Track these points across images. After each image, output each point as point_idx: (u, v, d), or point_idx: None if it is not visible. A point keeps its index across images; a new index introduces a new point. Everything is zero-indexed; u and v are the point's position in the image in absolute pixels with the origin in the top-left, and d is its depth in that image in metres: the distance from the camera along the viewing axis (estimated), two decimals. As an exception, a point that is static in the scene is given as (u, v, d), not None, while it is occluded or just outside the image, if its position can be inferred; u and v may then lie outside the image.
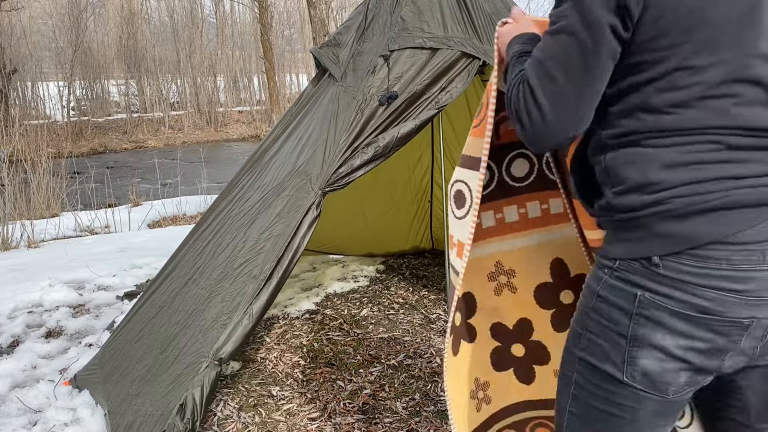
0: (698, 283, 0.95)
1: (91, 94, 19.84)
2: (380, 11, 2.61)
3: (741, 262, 0.94)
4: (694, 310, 0.96)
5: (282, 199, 2.37)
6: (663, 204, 0.97)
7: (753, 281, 0.94)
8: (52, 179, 7.37)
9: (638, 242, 1.01)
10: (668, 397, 1.03)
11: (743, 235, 0.94)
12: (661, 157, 0.98)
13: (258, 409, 2.45)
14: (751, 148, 0.95)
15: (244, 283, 2.24)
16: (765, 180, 0.95)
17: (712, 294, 0.95)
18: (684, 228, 0.96)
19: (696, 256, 0.95)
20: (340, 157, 2.33)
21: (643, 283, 1.00)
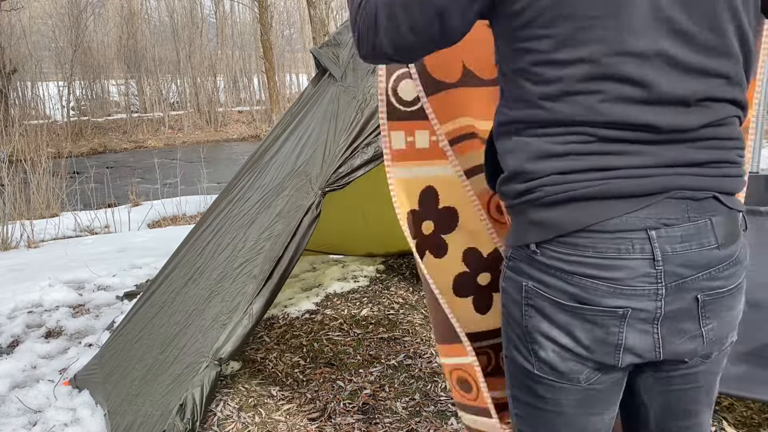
0: (570, 270, 0.96)
1: (91, 94, 19.84)
2: (380, 11, 2.61)
3: (608, 250, 0.95)
4: (569, 299, 0.97)
5: (282, 199, 2.37)
6: (534, 192, 0.98)
7: (622, 270, 0.94)
8: (51, 179, 7.37)
9: (520, 230, 1.03)
10: (583, 386, 1.02)
11: (610, 224, 0.94)
12: (536, 147, 0.98)
13: (258, 409, 2.44)
14: (620, 141, 0.95)
15: (244, 283, 2.24)
16: (631, 172, 0.95)
17: (583, 281, 0.96)
18: (552, 216, 0.97)
19: (566, 244, 0.96)
20: (340, 156, 2.33)
21: (528, 272, 1.01)
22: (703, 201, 0.97)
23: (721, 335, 1.05)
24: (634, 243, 0.94)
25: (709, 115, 0.96)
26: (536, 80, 0.97)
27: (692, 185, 0.96)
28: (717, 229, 0.99)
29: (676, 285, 0.96)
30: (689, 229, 0.96)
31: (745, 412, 2.29)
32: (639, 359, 1.00)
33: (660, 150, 0.95)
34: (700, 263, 0.97)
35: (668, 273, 0.95)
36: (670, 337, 0.99)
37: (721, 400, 2.35)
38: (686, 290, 0.97)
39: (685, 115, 0.95)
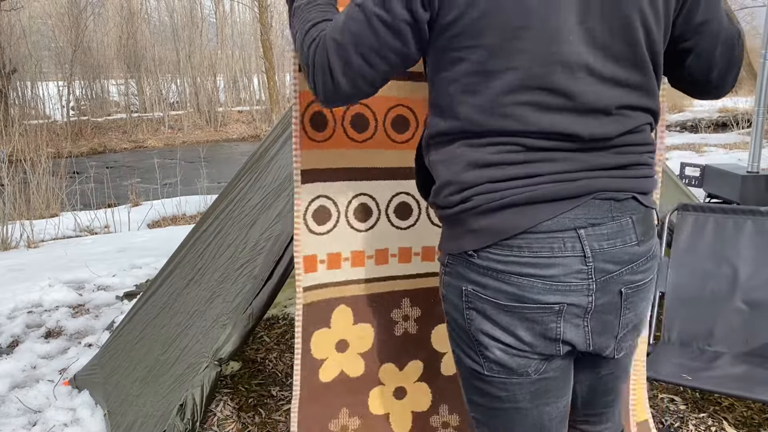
0: (507, 270, 1.01)
1: (90, 94, 19.83)
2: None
3: (542, 249, 1.00)
4: (508, 299, 1.02)
5: (282, 200, 2.37)
6: (470, 201, 1.03)
7: (556, 267, 1.00)
8: (51, 179, 7.37)
9: (457, 237, 1.06)
10: (534, 378, 1.07)
11: (543, 225, 1.00)
12: (468, 158, 1.03)
13: (258, 409, 2.44)
14: (547, 150, 1.01)
15: (244, 283, 2.24)
16: (559, 177, 1.01)
17: (520, 280, 1.01)
18: (490, 223, 1.02)
19: (502, 246, 1.01)
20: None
21: (467, 275, 1.05)
22: (624, 201, 1.05)
23: (636, 323, 1.13)
24: (565, 242, 1.01)
25: (627, 124, 1.03)
26: (468, 90, 1.00)
27: (614, 187, 1.04)
28: (637, 227, 1.06)
29: (604, 280, 1.03)
30: (613, 227, 1.03)
31: (745, 412, 2.29)
32: (575, 350, 1.08)
33: (584, 156, 1.02)
34: (624, 259, 1.05)
35: (597, 269, 1.02)
36: (597, 329, 1.07)
37: (721, 400, 2.35)
38: (613, 284, 1.04)
39: (605, 123, 1.02)
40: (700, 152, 10.21)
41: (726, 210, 2.28)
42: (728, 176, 4.23)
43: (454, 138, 1.04)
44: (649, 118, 1.08)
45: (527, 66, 0.96)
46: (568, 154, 1.02)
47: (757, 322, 2.09)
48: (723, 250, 2.23)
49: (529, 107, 0.98)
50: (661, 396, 2.41)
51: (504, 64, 0.97)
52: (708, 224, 2.29)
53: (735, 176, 4.14)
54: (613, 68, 1.00)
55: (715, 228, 2.27)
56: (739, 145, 10.72)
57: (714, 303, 2.17)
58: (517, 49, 0.96)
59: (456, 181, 1.04)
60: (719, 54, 1.12)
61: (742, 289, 2.15)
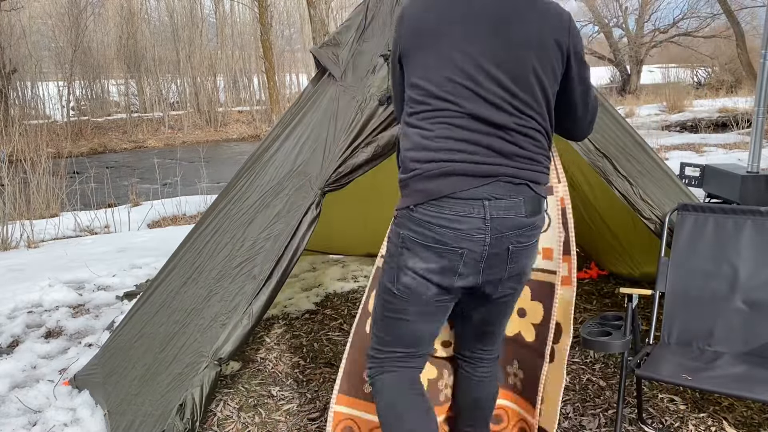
0: (435, 223, 1.50)
1: (90, 94, 19.83)
2: (380, 11, 2.61)
3: (459, 212, 1.49)
4: (431, 241, 1.51)
5: (281, 199, 2.37)
6: (416, 170, 1.52)
7: (465, 223, 1.49)
8: (51, 179, 7.37)
9: (406, 197, 1.55)
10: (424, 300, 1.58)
11: (462, 194, 1.49)
12: (417, 137, 1.54)
13: (258, 409, 2.44)
14: (470, 131, 1.50)
15: (243, 282, 2.23)
16: (478, 159, 1.49)
17: (441, 230, 1.50)
18: (427, 187, 1.50)
19: (434, 205, 1.50)
20: (339, 156, 2.33)
21: (406, 224, 1.54)
22: (519, 186, 1.52)
23: (518, 272, 1.60)
24: (474, 207, 1.49)
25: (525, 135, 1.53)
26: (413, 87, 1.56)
27: (514, 175, 1.51)
28: (526, 205, 1.53)
29: (497, 237, 1.51)
30: (509, 203, 1.51)
31: (745, 412, 2.29)
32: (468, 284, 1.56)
33: (493, 151, 1.51)
34: (513, 225, 1.52)
35: (493, 228, 1.50)
36: (488, 270, 1.55)
37: (721, 400, 2.35)
38: (502, 241, 1.52)
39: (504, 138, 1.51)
40: (700, 152, 10.21)
41: (726, 210, 2.28)
42: (728, 176, 4.23)
43: (410, 121, 1.57)
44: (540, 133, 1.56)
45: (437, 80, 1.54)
46: (481, 148, 1.50)
47: (757, 322, 2.09)
48: (723, 250, 2.22)
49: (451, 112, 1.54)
50: (661, 396, 2.41)
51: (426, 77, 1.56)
52: (708, 224, 2.29)
53: (735, 176, 4.13)
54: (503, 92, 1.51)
55: (715, 228, 2.27)
56: (739, 145, 10.71)
57: (714, 303, 2.17)
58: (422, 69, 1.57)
59: (408, 155, 1.55)
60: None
61: (742, 289, 2.14)
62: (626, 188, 2.41)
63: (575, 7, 26.36)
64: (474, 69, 1.50)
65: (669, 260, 2.29)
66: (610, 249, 3.55)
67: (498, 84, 1.49)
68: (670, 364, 2.01)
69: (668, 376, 1.92)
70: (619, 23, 26.04)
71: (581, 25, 27.27)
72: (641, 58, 25.30)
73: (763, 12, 19.12)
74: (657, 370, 1.97)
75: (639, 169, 2.48)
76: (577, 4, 26.57)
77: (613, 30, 26.01)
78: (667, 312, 2.24)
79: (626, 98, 20.69)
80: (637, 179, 2.44)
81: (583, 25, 27.05)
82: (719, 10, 20.75)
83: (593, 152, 2.39)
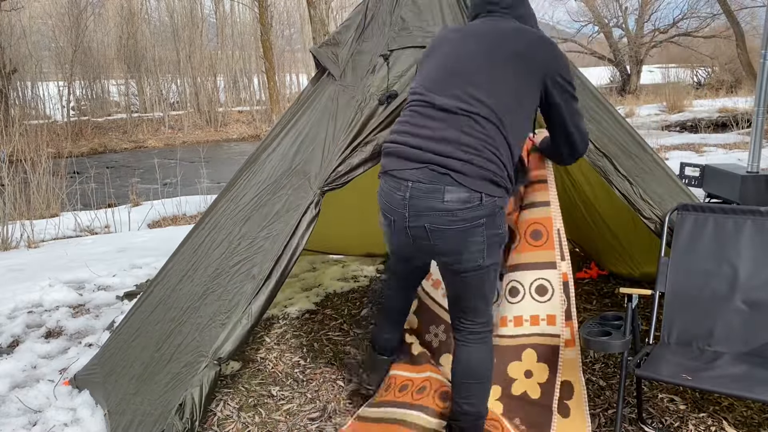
0: (381, 191, 1.91)
1: (91, 94, 19.82)
2: (380, 10, 2.61)
3: (392, 186, 1.86)
4: (382, 201, 1.91)
5: (280, 198, 2.37)
6: (384, 148, 1.95)
7: (393, 198, 1.86)
8: (51, 179, 7.37)
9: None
10: (394, 250, 2.04)
11: (396, 172, 1.85)
12: (396, 123, 1.97)
13: (258, 409, 2.44)
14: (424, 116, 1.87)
15: (243, 282, 2.23)
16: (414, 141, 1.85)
17: (382, 200, 1.91)
18: (383, 161, 1.93)
19: (386, 176, 1.90)
20: (339, 156, 2.33)
21: (380, 186, 1.93)
22: (443, 175, 1.78)
23: (456, 255, 1.85)
24: (401, 185, 1.83)
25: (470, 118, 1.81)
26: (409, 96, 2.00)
27: (440, 164, 1.79)
28: (445, 193, 1.77)
29: (415, 214, 1.82)
30: (429, 188, 1.79)
31: (745, 412, 2.29)
32: (407, 251, 1.96)
33: (433, 139, 1.82)
34: (428, 207, 1.79)
35: (411, 206, 1.82)
36: (418, 242, 1.87)
37: (721, 400, 2.35)
38: (420, 219, 1.82)
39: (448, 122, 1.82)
40: (699, 152, 10.21)
41: (726, 210, 2.28)
42: (728, 176, 4.23)
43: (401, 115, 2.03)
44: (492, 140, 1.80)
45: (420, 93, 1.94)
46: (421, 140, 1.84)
47: (757, 322, 2.09)
48: (723, 250, 2.22)
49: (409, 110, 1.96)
50: (661, 396, 2.41)
51: (417, 90, 1.98)
52: (708, 224, 2.28)
53: (735, 176, 4.13)
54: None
55: (715, 228, 2.27)
56: (739, 145, 10.71)
57: (714, 303, 2.17)
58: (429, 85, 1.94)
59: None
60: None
61: (742, 289, 2.14)
62: (626, 188, 2.41)
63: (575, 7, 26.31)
64: (451, 69, 1.88)
65: (669, 260, 2.29)
66: (610, 249, 3.55)
67: (466, 81, 1.83)
68: (670, 364, 2.01)
69: (668, 376, 1.92)
70: (619, 23, 26.03)
71: (581, 25, 27.30)
72: (641, 58, 25.29)
73: (763, 12, 19.12)
74: (657, 370, 1.97)
75: (639, 169, 2.47)
76: (577, 4, 26.58)
77: (613, 30, 26.00)
78: (667, 312, 2.24)
79: (626, 98, 20.68)
80: (637, 178, 2.44)
81: (583, 25, 27.07)
82: (719, 10, 20.75)
83: (593, 152, 2.39)
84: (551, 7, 67.06)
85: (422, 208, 1.78)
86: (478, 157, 1.77)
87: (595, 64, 25.49)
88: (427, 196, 1.78)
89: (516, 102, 1.83)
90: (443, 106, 1.82)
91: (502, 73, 1.83)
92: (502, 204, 1.86)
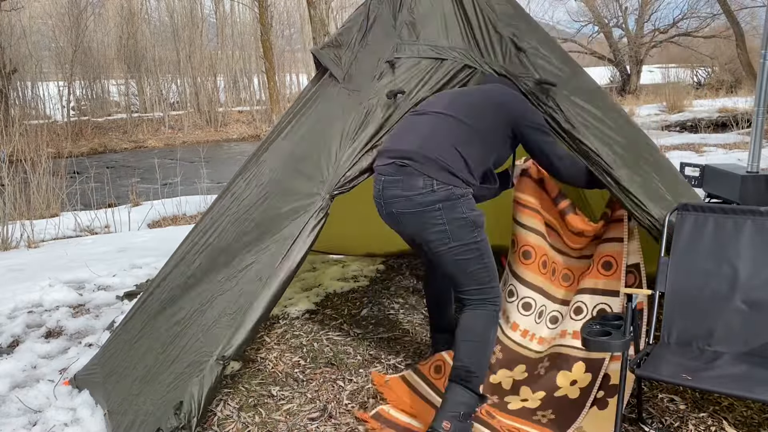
0: (375, 180, 2.23)
1: (91, 94, 19.82)
2: (382, 12, 2.61)
3: (376, 179, 2.22)
4: (374, 194, 2.23)
5: (287, 201, 2.37)
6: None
7: (375, 189, 2.21)
8: (51, 179, 7.37)
9: None
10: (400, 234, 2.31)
11: (376, 168, 2.24)
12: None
13: (258, 409, 2.45)
14: (410, 122, 2.30)
15: (249, 283, 2.24)
16: (393, 145, 2.25)
17: (376, 188, 2.21)
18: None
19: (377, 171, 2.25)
20: (347, 160, 2.34)
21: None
22: (403, 167, 2.12)
23: (413, 234, 2.17)
24: (378, 178, 2.21)
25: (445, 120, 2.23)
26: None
27: (402, 157, 2.14)
28: (403, 183, 2.11)
29: (386, 202, 2.16)
30: (394, 179, 2.14)
31: (745, 412, 2.29)
32: (398, 231, 2.26)
33: (406, 139, 2.23)
34: (393, 195, 2.13)
35: (384, 195, 2.16)
36: (394, 226, 2.22)
37: (721, 400, 2.35)
38: (389, 206, 2.16)
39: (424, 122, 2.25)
40: (699, 152, 10.21)
41: (726, 210, 2.28)
42: (728, 176, 4.22)
43: None
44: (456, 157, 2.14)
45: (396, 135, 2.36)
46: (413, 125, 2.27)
47: (757, 322, 2.09)
48: (723, 250, 2.22)
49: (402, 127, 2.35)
50: (661, 396, 2.41)
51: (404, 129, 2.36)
52: (708, 224, 2.28)
53: (735, 176, 4.12)
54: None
55: (715, 228, 2.27)
56: (738, 145, 10.71)
57: (714, 303, 2.17)
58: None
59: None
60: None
61: (742, 289, 2.14)
62: (628, 187, 2.39)
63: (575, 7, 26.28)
64: (448, 99, 2.31)
65: (669, 260, 2.29)
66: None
67: (456, 103, 2.26)
68: (670, 363, 2.01)
69: (668, 376, 1.92)
70: (619, 23, 26.02)
71: (581, 25, 27.29)
72: (641, 58, 25.29)
73: (763, 12, 19.12)
74: (657, 369, 1.97)
75: (642, 167, 2.46)
76: (577, 4, 26.56)
77: (613, 30, 25.99)
78: (667, 312, 2.24)
79: (626, 98, 20.68)
80: (637, 177, 2.42)
81: (583, 25, 27.07)
82: (719, 10, 20.74)
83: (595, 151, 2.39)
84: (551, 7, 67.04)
85: (389, 196, 2.14)
86: (438, 150, 2.12)
87: (595, 64, 25.48)
88: (392, 185, 2.13)
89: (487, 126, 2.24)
90: (422, 111, 2.30)
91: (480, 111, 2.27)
92: (461, 193, 2.09)
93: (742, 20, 20.68)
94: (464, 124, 2.17)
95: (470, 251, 2.12)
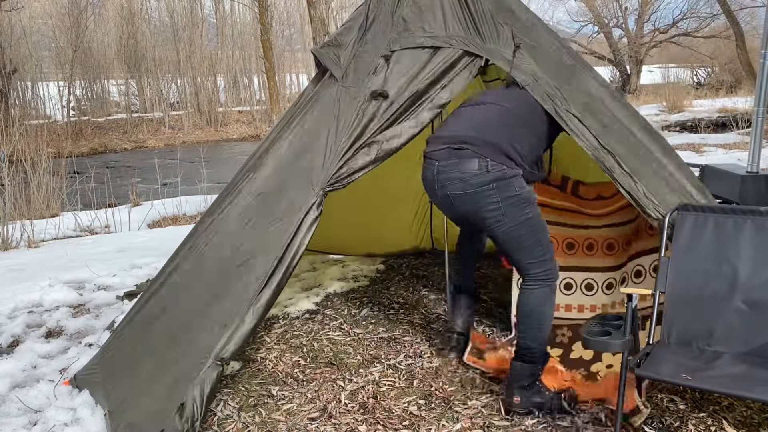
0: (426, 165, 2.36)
1: (91, 94, 19.83)
2: (381, 11, 2.61)
3: (427, 164, 2.35)
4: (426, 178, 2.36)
5: (283, 199, 2.37)
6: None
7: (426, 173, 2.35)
8: (52, 179, 7.37)
9: None
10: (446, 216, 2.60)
11: (428, 154, 2.35)
12: None
13: (258, 409, 2.45)
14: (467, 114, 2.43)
15: (245, 283, 2.24)
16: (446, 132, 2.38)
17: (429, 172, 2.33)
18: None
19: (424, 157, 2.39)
20: (341, 157, 2.33)
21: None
22: (458, 150, 2.25)
23: (466, 213, 2.29)
24: (430, 163, 2.32)
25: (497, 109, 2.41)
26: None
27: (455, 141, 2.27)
28: (459, 166, 2.23)
29: (441, 185, 2.28)
30: (449, 163, 2.26)
31: (745, 412, 2.29)
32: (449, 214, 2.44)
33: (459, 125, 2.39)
34: (448, 178, 2.25)
35: (439, 179, 2.28)
36: (449, 211, 2.38)
37: (721, 400, 2.35)
38: (444, 189, 2.27)
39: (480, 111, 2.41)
40: (699, 152, 10.21)
41: (726, 210, 2.27)
42: (728, 176, 4.22)
43: None
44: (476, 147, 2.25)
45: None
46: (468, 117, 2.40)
47: (757, 322, 2.09)
48: (723, 250, 2.22)
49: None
50: (661, 396, 2.41)
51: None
52: (708, 224, 2.28)
53: (735, 176, 4.12)
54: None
55: (715, 228, 2.27)
56: (738, 145, 10.71)
57: (714, 303, 2.17)
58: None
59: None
60: None
61: (742, 289, 2.14)
62: (630, 185, 2.37)
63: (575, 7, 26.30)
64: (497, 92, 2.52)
65: (669, 260, 2.29)
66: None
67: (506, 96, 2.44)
68: (670, 363, 2.01)
69: (668, 376, 1.92)
70: (618, 23, 26.02)
71: (581, 25, 27.29)
72: (641, 58, 25.29)
73: (763, 12, 19.11)
74: (657, 369, 1.97)
75: (644, 166, 2.44)
76: (577, 4, 26.57)
77: (613, 30, 25.99)
78: (667, 312, 2.24)
79: (626, 98, 20.65)
80: (641, 176, 2.40)
81: (583, 25, 27.07)
82: (719, 10, 20.74)
83: (598, 148, 2.36)
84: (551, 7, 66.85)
85: (446, 180, 2.25)
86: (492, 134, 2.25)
87: (595, 64, 25.44)
88: (448, 170, 2.25)
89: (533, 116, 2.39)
90: (473, 102, 2.46)
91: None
92: (513, 174, 2.21)
93: (742, 20, 20.69)
94: (515, 113, 2.33)
95: (523, 227, 2.24)
